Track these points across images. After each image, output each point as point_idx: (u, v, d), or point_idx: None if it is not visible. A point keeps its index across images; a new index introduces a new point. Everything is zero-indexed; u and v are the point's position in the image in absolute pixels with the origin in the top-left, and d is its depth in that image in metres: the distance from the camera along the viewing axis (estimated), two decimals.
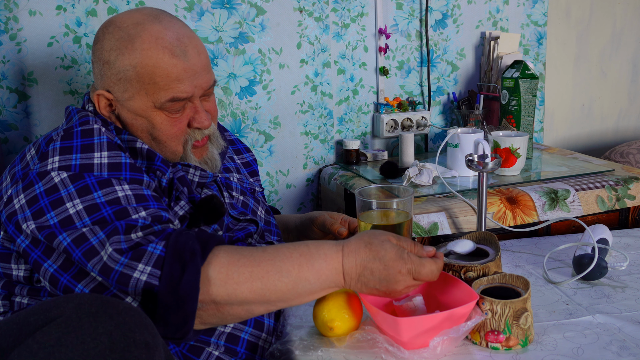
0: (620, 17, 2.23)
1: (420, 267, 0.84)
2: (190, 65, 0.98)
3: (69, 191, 0.86)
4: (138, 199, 0.88)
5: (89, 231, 0.83)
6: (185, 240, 0.82)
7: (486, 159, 1.19)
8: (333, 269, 0.85)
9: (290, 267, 0.84)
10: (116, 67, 0.97)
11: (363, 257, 0.85)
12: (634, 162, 1.90)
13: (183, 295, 0.79)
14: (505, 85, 1.67)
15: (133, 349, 0.65)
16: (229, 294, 0.82)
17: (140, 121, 1.00)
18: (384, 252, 0.84)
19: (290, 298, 0.86)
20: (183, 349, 0.93)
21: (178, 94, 0.97)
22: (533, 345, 0.88)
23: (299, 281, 0.84)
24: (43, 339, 0.62)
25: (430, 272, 0.85)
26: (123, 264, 0.79)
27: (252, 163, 1.29)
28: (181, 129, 1.01)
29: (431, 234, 1.31)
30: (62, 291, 0.85)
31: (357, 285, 0.86)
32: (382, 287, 0.85)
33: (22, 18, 1.42)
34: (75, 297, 0.68)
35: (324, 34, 1.73)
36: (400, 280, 0.84)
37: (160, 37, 0.96)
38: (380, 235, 0.87)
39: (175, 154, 1.03)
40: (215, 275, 0.82)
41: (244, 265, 0.84)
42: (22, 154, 0.95)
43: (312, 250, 0.86)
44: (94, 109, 1.02)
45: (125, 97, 0.98)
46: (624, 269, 1.13)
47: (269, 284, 0.83)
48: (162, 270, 0.80)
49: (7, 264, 0.92)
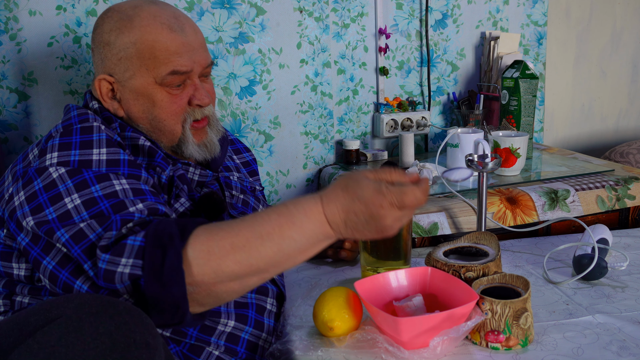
0: (620, 17, 2.23)
1: (402, 196, 0.79)
2: (188, 40, 1.00)
3: (67, 186, 0.86)
4: (135, 192, 0.88)
5: (87, 227, 0.82)
6: (163, 226, 0.80)
7: (486, 159, 1.19)
8: (316, 221, 0.81)
9: (270, 229, 0.79)
10: (116, 46, 0.99)
11: (343, 202, 0.80)
12: (634, 162, 1.90)
13: (167, 280, 0.76)
14: (505, 85, 1.67)
15: (134, 349, 0.65)
16: (215, 271, 0.79)
17: (142, 101, 1.00)
18: (361, 190, 0.79)
19: (280, 262, 0.81)
20: (183, 349, 0.93)
21: (178, 67, 0.99)
22: (533, 345, 0.88)
23: (283, 242, 0.80)
24: (44, 339, 0.62)
25: (414, 198, 0.79)
26: (105, 261, 0.78)
27: (252, 163, 1.29)
28: (181, 106, 1.01)
29: (431, 234, 1.31)
30: (62, 289, 0.85)
31: (347, 231, 0.82)
32: (372, 227, 0.81)
33: (22, 18, 1.42)
34: (76, 297, 0.68)
35: (324, 34, 1.73)
36: (385, 215, 0.79)
37: (157, 15, 1.00)
38: (356, 175, 0.82)
39: (174, 134, 1.03)
40: (196, 255, 0.78)
41: (223, 238, 0.80)
42: (25, 153, 0.95)
43: (291, 208, 0.81)
44: (99, 107, 1.03)
45: (127, 77, 1.00)
46: (624, 269, 1.13)
47: (252, 251, 0.79)
48: (144, 260, 0.78)
49: (9, 263, 0.92)
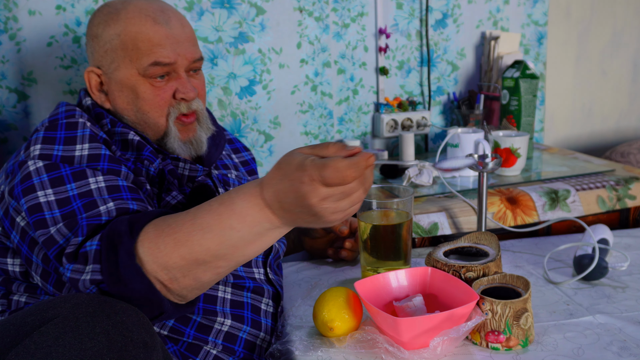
0: (621, 17, 2.23)
1: (322, 169, 0.67)
2: (173, 33, 1.01)
3: (41, 179, 0.86)
4: (110, 190, 0.87)
5: (57, 232, 0.82)
6: (115, 225, 0.78)
7: (486, 159, 1.19)
8: (255, 206, 0.73)
9: (210, 220, 0.75)
10: (103, 38, 1.01)
11: (274, 182, 0.72)
12: (635, 162, 1.89)
13: (126, 278, 0.75)
14: (506, 85, 1.66)
15: (131, 349, 0.64)
16: (166, 267, 0.76)
17: (126, 93, 1.01)
18: (287, 166, 0.71)
19: (225, 254, 0.76)
20: (181, 348, 0.93)
21: (160, 58, 0.99)
22: (533, 346, 0.88)
23: (223, 233, 0.74)
24: (40, 339, 0.62)
25: (335, 171, 0.67)
26: (70, 270, 0.78)
27: (251, 162, 1.29)
28: (165, 98, 1.01)
29: (431, 234, 1.31)
30: (53, 286, 0.86)
31: (286, 216, 0.73)
32: (303, 209, 0.71)
33: (21, 18, 1.42)
34: (73, 297, 0.68)
35: (324, 34, 1.72)
36: (308, 191, 0.69)
37: (144, 8, 1.01)
38: (292, 150, 0.73)
39: (159, 127, 1.02)
40: (145, 252, 0.76)
41: (168, 234, 0.76)
42: (18, 151, 0.95)
43: (233, 195, 0.75)
44: (92, 103, 1.03)
45: (112, 69, 1.01)
46: (625, 269, 1.13)
47: (194, 245, 0.75)
48: (101, 263, 0.76)
49: (4, 259, 0.93)
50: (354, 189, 0.70)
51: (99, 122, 1.01)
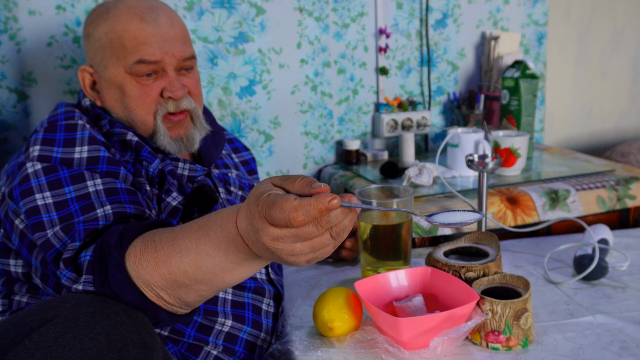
0: (621, 16, 2.23)
1: (269, 207, 0.61)
2: (160, 31, 1.00)
3: (39, 182, 0.86)
4: (108, 192, 0.87)
5: (54, 236, 0.82)
6: (107, 237, 0.77)
7: (486, 159, 1.19)
8: (228, 234, 0.68)
9: (188, 243, 0.72)
10: (94, 37, 1.02)
11: (244, 210, 0.66)
12: (635, 161, 1.89)
13: (117, 290, 0.74)
14: (506, 85, 1.66)
15: (131, 349, 0.64)
16: (148, 285, 0.74)
17: (114, 90, 1.01)
18: (251, 196, 0.65)
19: (204, 279, 0.73)
20: (182, 349, 0.93)
21: (145, 56, 0.99)
22: (533, 346, 0.88)
23: (199, 257, 0.71)
24: (40, 339, 0.62)
25: (280, 211, 0.60)
26: (66, 277, 0.78)
27: (251, 162, 1.29)
28: (152, 97, 1.01)
29: (431, 234, 1.31)
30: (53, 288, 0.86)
31: (256, 247, 0.66)
32: (260, 245, 0.65)
33: (21, 18, 1.42)
34: (72, 298, 0.68)
35: (324, 34, 1.72)
36: (258, 229, 0.63)
37: (133, 6, 1.01)
38: (264, 179, 0.67)
39: (146, 125, 1.02)
40: (131, 267, 0.75)
41: (151, 252, 0.74)
42: (19, 152, 0.95)
43: (212, 219, 0.71)
44: (90, 104, 1.03)
45: (102, 67, 1.02)
46: (625, 269, 1.13)
47: (172, 266, 0.72)
48: (93, 274, 0.76)
49: (6, 260, 0.93)
50: (311, 233, 0.62)
51: (97, 122, 1.01)
